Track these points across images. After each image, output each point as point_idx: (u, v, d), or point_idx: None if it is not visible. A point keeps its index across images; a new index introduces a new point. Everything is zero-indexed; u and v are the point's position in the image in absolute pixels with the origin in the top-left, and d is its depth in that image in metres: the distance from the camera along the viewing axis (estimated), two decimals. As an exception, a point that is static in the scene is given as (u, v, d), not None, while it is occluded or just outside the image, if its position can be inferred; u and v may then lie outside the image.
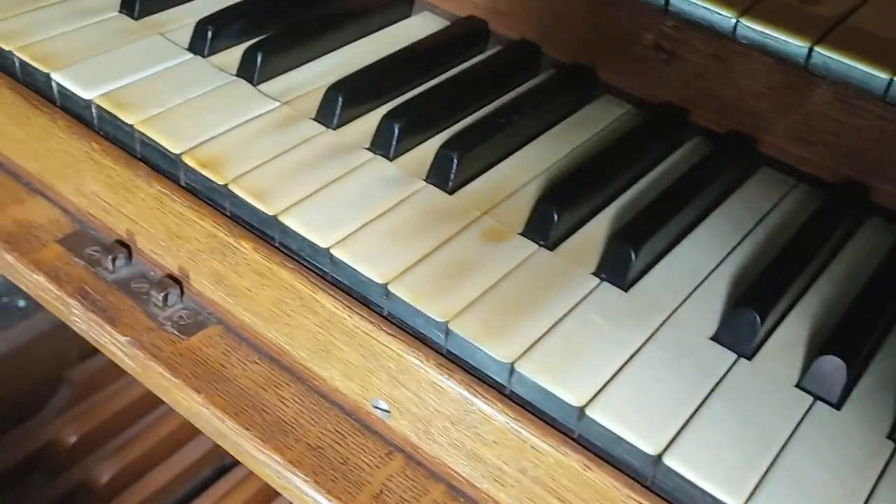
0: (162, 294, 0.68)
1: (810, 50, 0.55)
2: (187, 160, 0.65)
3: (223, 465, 1.71)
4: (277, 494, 1.68)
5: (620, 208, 0.65)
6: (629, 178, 0.67)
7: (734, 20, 0.56)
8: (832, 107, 0.65)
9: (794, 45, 0.55)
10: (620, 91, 0.76)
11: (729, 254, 0.63)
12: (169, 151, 0.65)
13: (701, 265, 0.61)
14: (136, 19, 0.78)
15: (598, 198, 0.65)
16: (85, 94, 0.69)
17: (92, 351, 1.64)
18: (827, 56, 0.55)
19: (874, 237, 0.65)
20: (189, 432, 1.67)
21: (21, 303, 1.60)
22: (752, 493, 0.48)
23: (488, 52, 0.80)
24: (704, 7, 0.57)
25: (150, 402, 1.65)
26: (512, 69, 0.76)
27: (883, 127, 0.64)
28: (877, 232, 0.66)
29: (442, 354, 0.56)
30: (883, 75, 0.53)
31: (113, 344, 0.68)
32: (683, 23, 0.66)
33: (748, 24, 0.56)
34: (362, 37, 0.80)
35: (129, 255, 0.72)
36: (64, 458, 1.56)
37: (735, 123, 0.71)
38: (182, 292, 0.70)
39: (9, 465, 1.52)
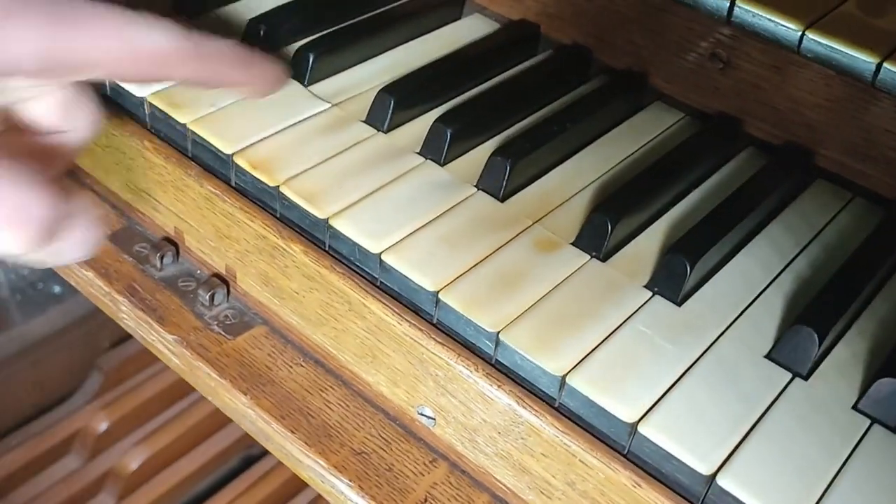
0: (209, 293, 0.69)
1: (879, 66, 0.54)
2: (239, 161, 0.65)
3: (250, 454, 1.73)
4: (304, 486, 1.69)
5: (674, 220, 0.64)
6: (682, 189, 0.67)
7: (800, 33, 0.55)
8: (894, 121, 0.64)
9: (863, 60, 0.54)
10: (673, 99, 0.75)
11: (784, 269, 0.62)
12: (221, 152, 0.65)
13: (756, 280, 0.61)
14: (189, 17, 0.78)
15: (652, 209, 0.64)
16: (138, 92, 0.69)
17: (122, 338, 1.65)
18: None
19: (934, 256, 0.64)
20: (217, 422, 1.68)
21: (56, 289, 1.61)
22: (722, 464, 0.47)
23: (539, 57, 0.79)
24: (769, 19, 0.56)
25: (180, 391, 1.66)
26: (563, 74, 0.75)
27: (946, 144, 0.62)
28: (936, 251, 0.64)
29: (491, 365, 0.56)
30: (953, 95, 0.52)
31: (160, 342, 0.68)
32: (742, 32, 0.65)
33: (814, 37, 0.55)
34: (413, 39, 0.80)
35: (177, 254, 0.72)
36: (94, 445, 1.58)
37: (791, 135, 0.69)
38: (228, 292, 0.70)
39: (42, 450, 1.54)
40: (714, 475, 0.49)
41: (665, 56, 0.74)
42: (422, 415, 0.60)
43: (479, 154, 0.67)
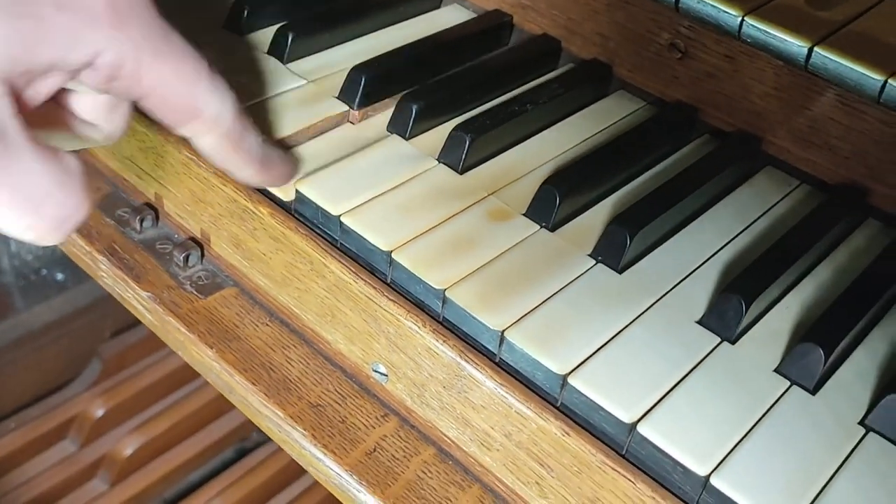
0: (183, 255, 0.72)
1: (810, 50, 0.57)
2: (214, 128, 0.68)
3: (244, 446, 1.76)
4: (296, 477, 1.72)
5: (623, 197, 0.68)
6: (635, 170, 0.70)
7: (740, 18, 0.59)
8: (836, 110, 0.67)
9: (796, 45, 0.57)
10: (636, 88, 0.78)
11: (725, 245, 0.65)
12: (198, 119, 0.69)
13: (696, 254, 0.64)
14: (177, -3, 0.82)
15: (602, 185, 0.67)
16: (124, 63, 0.73)
17: (124, 327, 1.69)
18: (826, 57, 0.57)
19: (868, 239, 0.67)
20: (213, 412, 1.71)
21: (59, 276, 1.65)
22: (718, 464, 0.50)
23: (511, 45, 0.83)
24: (712, 5, 0.59)
25: (176, 380, 1.70)
26: (531, 62, 0.79)
27: (884, 131, 0.65)
28: (872, 234, 0.67)
29: (438, 321, 0.59)
30: (877, 77, 0.55)
31: (135, 299, 0.72)
32: (697, 23, 0.68)
33: (753, 22, 0.58)
34: (391, 25, 0.84)
35: (157, 218, 0.76)
36: (90, 430, 1.61)
37: (743, 123, 0.73)
38: (203, 255, 0.74)
39: (38, 434, 1.57)
40: (635, 424, 0.52)
41: (629, 47, 0.77)
42: (376, 371, 0.64)
43: (444, 131, 0.70)
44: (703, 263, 0.63)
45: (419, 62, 0.77)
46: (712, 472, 0.50)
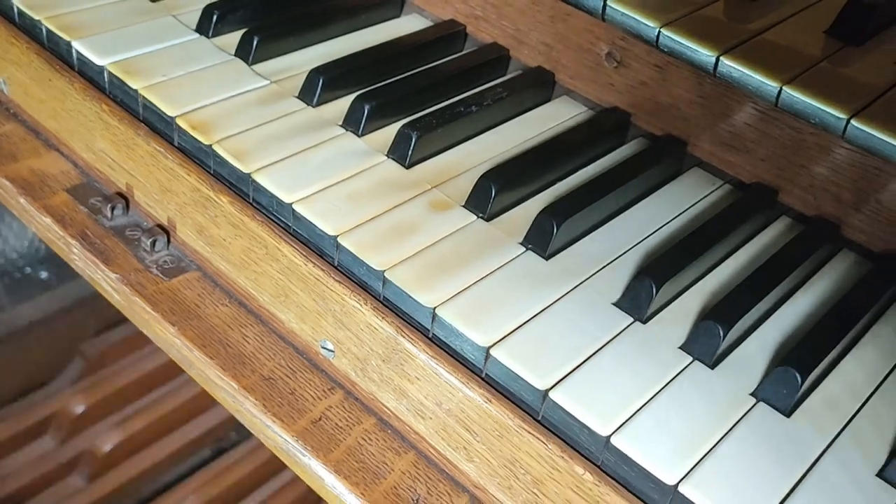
0: (150, 241, 0.78)
1: (717, 59, 0.63)
2: (180, 122, 0.74)
3: (221, 445, 1.80)
4: (271, 476, 1.76)
5: (556, 192, 0.74)
6: (569, 168, 0.76)
7: (657, 30, 0.65)
8: (752, 117, 0.73)
9: (705, 54, 0.63)
10: (577, 94, 0.84)
11: (647, 236, 0.71)
12: (165, 114, 0.75)
13: (619, 243, 0.70)
14: (153, 1, 0.88)
15: (537, 181, 0.73)
16: (99, 61, 0.79)
17: (107, 326, 1.73)
18: (731, 66, 0.63)
19: (778, 234, 0.73)
20: (191, 411, 1.75)
21: (43, 274, 1.69)
22: (619, 427, 0.55)
23: (463, 53, 0.89)
24: (633, 17, 0.65)
25: (156, 379, 1.74)
26: (480, 68, 0.85)
27: (793, 136, 0.71)
28: (781, 229, 0.73)
29: (379, 300, 0.65)
30: (773, 84, 0.61)
31: (104, 280, 0.77)
32: (626, 34, 0.74)
33: (668, 33, 0.64)
34: (352, 31, 0.89)
35: (127, 206, 0.82)
36: (70, 427, 1.64)
37: (672, 128, 0.79)
38: (169, 241, 0.79)
39: (18, 430, 1.61)
40: (548, 391, 0.57)
41: (570, 56, 0.83)
42: (324, 348, 0.69)
43: (394, 129, 0.76)
44: (625, 252, 0.69)
45: (376, 66, 0.83)
46: (613, 433, 0.55)
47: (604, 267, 0.67)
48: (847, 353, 0.63)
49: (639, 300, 0.63)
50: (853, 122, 0.58)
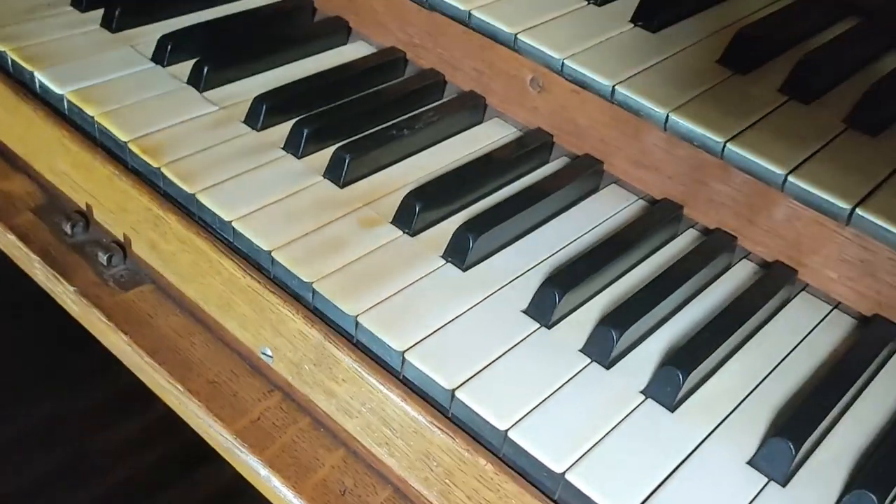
0: (108, 256, 0.84)
1: (613, 88, 0.69)
2: (133, 147, 0.80)
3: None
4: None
5: (479, 209, 0.80)
6: (492, 187, 0.82)
7: (561, 61, 0.71)
8: (658, 137, 0.79)
9: (602, 83, 0.70)
10: (506, 116, 0.91)
11: (561, 249, 0.77)
12: (119, 139, 0.81)
13: (534, 256, 0.76)
14: (112, 32, 0.94)
15: (461, 199, 0.79)
16: (59, 90, 0.85)
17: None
18: (625, 94, 0.69)
19: (683, 246, 0.79)
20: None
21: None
22: (517, 421, 0.62)
23: (402, 78, 0.95)
24: (540, 49, 0.72)
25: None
26: (417, 93, 0.91)
27: (696, 156, 0.78)
28: (687, 242, 0.79)
29: (310, 310, 0.71)
30: (661, 111, 0.67)
31: (64, 293, 0.83)
32: (540, 64, 0.81)
33: (570, 64, 0.71)
34: (301, 58, 0.96)
35: (87, 224, 0.88)
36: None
37: (590, 148, 0.85)
38: (125, 256, 0.85)
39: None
40: (455, 390, 0.63)
41: (499, 81, 0.90)
42: (264, 354, 0.75)
43: (332, 152, 0.82)
44: (538, 264, 0.75)
45: (318, 92, 0.89)
46: (510, 427, 0.61)
47: (517, 277, 0.73)
48: (733, 354, 0.69)
49: (544, 307, 0.69)
50: (729, 145, 0.64)
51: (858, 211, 0.62)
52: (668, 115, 0.67)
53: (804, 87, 0.72)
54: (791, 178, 0.64)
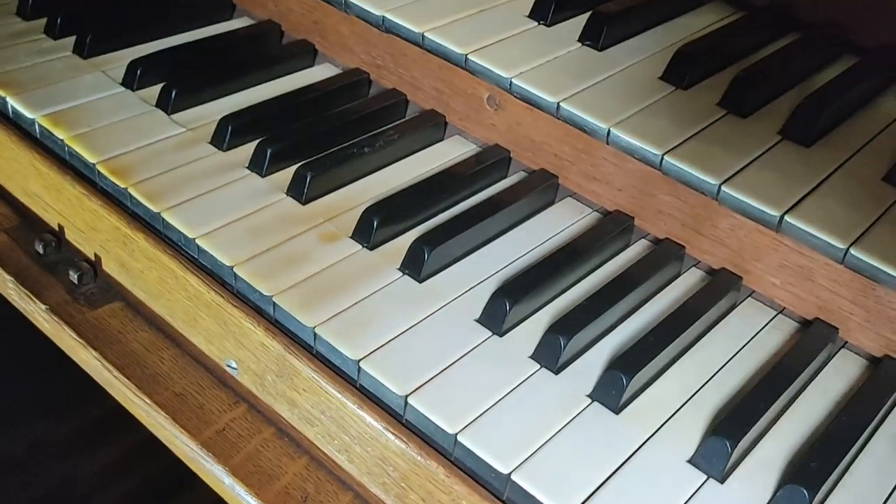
0: (78, 274, 0.86)
1: (557, 105, 0.72)
2: (101, 168, 0.83)
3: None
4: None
5: (436, 223, 0.83)
6: (450, 201, 0.85)
7: (509, 80, 0.74)
8: (607, 151, 0.82)
9: (547, 100, 0.73)
10: (466, 134, 0.94)
11: (514, 261, 0.80)
12: (88, 161, 0.84)
13: (488, 268, 0.78)
14: (84, 58, 0.97)
15: (418, 214, 0.82)
16: (30, 115, 0.88)
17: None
18: (570, 110, 0.72)
19: (631, 258, 0.82)
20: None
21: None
22: (466, 425, 0.64)
23: (365, 98, 0.98)
24: (487, 68, 0.75)
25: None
26: (379, 112, 0.94)
27: (643, 170, 0.81)
28: (636, 252, 0.82)
29: (271, 322, 0.74)
30: (603, 125, 0.70)
31: (36, 311, 0.86)
32: (491, 83, 0.84)
33: (518, 82, 0.74)
34: (268, 80, 0.99)
35: (59, 244, 0.90)
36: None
37: (546, 163, 0.88)
38: (96, 274, 0.88)
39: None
40: (407, 396, 0.66)
41: (458, 100, 0.93)
42: (229, 366, 0.78)
43: (294, 170, 0.85)
44: (492, 274, 0.78)
45: (282, 112, 0.92)
46: (460, 431, 0.64)
47: (472, 288, 0.76)
48: (678, 359, 0.72)
49: (495, 316, 0.72)
50: (667, 158, 0.67)
51: (787, 218, 0.65)
52: (609, 130, 0.70)
53: (741, 101, 0.75)
54: (725, 188, 0.67)
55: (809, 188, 0.68)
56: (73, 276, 0.86)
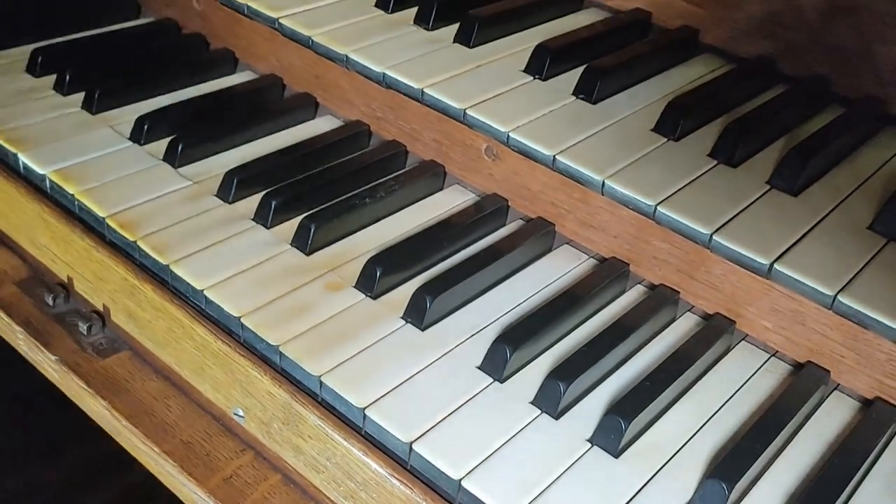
0: (87, 325, 0.88)
1: (553, 158, 0.75)
2: (110, 222, 0.85)
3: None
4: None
5: (436, 272, 0.85)
6: (451, 250, 0.87)
7: (507, 133, 0.77)
8: (603, 200, 0.85)
9: (543, 153, 0.76)
10: (464, 183, 0.96)
11: (513, 308, 0.82)
12: (97, 215, 0.86)
13: (489, 314, 0.81)
14: (92, 114, 1.00)
15: (419, 263, 0.84)
16: (41, 170, 0.90)
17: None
18: (565, 163, 0.75)
19: (629, 303, 0.84)
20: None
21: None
22: (471, 471, 0.66)
23: (366, 150, 1.01)
24: (482, 121, 0.78)
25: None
26: (380, 163, 0.97)
27: (637, 217, 0.83)
28: (634, 297, 0.85)
29: (277, 371, 0.76)
30: (598, 177, 0.73)
31: (45, 361, 0.87)
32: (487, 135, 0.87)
33: (515, 135, 0.77)
34: (271, 133, 1.02)
35: (68, 295, 0.92)
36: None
37: (542, 211, 0.90)
38: (104, 324, 0.90)
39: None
40: (412, 443, 0.68)
41: (457, 150, 0.96)
42: (236, 414, 0.80)
43: (298, 221, 0.88)
44: (492, 322, 0.80)
45: (286, 164, 0.95)
46: (465, 476, 0.65)
47: (473, 335, 0.78)
48: (674, 402, 0.73)
49: (497, 363, 0.74)
50: (659, 208, 0.70)
51: (777, 266, 0.67)
52: (603, 182, 0.72)
53: (731, 152, 0.78)
54: (716, 237, 0.70)
55: (798, 236, 0.71)
56: (83, 327, 0.88)
